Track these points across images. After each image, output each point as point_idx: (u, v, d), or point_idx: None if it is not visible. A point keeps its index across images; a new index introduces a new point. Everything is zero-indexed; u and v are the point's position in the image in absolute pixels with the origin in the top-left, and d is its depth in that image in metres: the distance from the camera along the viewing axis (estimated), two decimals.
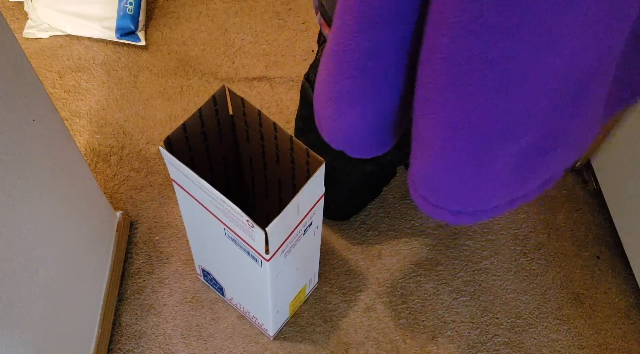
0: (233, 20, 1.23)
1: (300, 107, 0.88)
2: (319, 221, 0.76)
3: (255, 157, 0.80)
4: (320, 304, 0.92)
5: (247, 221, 0.62)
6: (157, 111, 1.11)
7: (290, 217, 0.66)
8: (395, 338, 0.90)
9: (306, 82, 0.84)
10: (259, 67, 1.17)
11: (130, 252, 0.96)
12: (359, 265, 0.96)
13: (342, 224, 0.99)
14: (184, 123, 0.69)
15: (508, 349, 0.89)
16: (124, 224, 0.95)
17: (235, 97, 0.71)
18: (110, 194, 1.01)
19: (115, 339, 0.89)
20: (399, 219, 1.00)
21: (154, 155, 1.06)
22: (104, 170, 1.04)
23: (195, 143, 0.73)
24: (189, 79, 1.15)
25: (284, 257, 0.71)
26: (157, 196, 1.02)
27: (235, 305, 0.90)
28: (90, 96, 1.13)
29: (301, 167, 0.72)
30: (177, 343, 0.88)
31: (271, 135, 0.71)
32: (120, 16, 1.16)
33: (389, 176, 0.99)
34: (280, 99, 1.13)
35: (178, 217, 0.99)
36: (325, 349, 0.88)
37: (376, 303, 0.92)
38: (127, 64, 1.17)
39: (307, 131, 0.87)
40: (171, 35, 1.21)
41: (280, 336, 0.89)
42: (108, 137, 1.07)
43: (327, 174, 0.68)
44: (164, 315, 0.91)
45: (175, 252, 0.96)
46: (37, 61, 1.16)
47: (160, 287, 0.93)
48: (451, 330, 0.90)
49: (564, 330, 0.91)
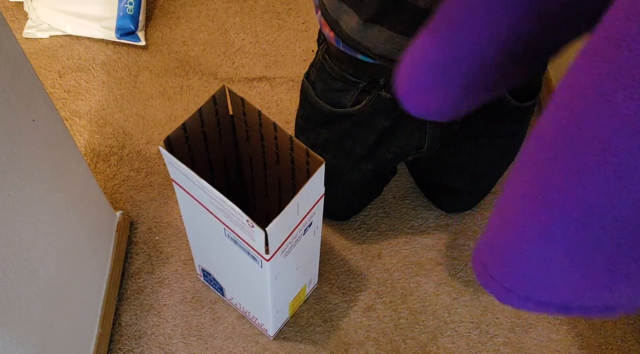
0: (233, 20, 1.23)
1: (301, 106, 0.88)
2: (319, 221, 0.76)
3: (255, 157, 0.80)
4: (320, 304, 0.92)
5: (247, 221, 0.62)
6: (157, 111, 1.11)
7: (290, 217, 0.66)
8: (395, 338, 0.90)
9: (306, 81, 0.84)
10: (259, 67, 1.17)
11: (130, 252, 0.96)
12: (359, 265, 0.96)
13: (342, 224, 0.99)
14: (184, 123, 0.69)
15: (508, 349, 0.89)
16: (124, 224, 0.95)
17: (235, 97, 0.71)
18: (110, 194, 1.01)
19: (115, 339, 0.89)
20: (399, 219, 1.00)
21: (154, 155, 1.06)
22: (104, 170, 1.04)
23: (195, 143, 0.73)
24: (189, 79, 1.15)
25: (284, 258, 0.71)
26: (157, 196, 1.02)
27: (235, 305, 0.90)
28: (90, 96, 1.13)
29: (301, 167, 0.72)
30: (177, 343, 0.88)
31: (271, 135, 0.71)
32: (120, 16, 1.16)
33: (389, 175, 0.99)
34: (280, 99, 1.13)
35: (178, 217, 0.99)
36: (325, 349, 0.88)
37: (376, 303, 0.92)
38: (127, 64, 1.17)
39: (307, 131, 0.87)
40: (171, 35, 1.21)
41: (280, 336, 0.89)
42: (108, 137, 1.07)
43: (327, 174, 0.68)
44: (164, 315, 0.91)
45: (175, 252, 0.96)
46: (37, 61, 1.16)
47: (160, 287, 0.93)
48: (451, 330, 0.90)
49: (564, 330, 0.91)
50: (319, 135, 0.86)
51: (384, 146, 0.84)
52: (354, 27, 0.70)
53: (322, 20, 0.74)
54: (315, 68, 0.82)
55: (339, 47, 0.75)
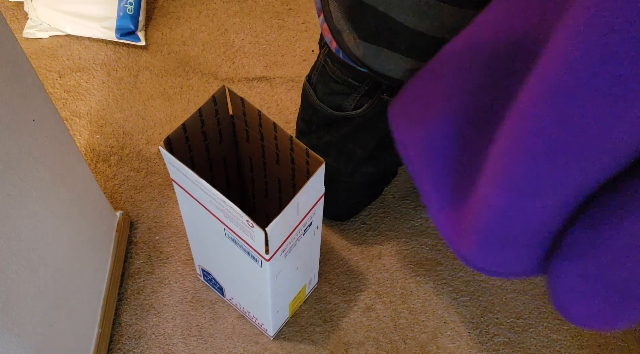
0: (233, 20, 1.23)
1: (302, 108, 0.88)
2: (319, 221, 0.76)
3: (255, 157, 0.80)
4: (320, 304, 0.92)
5: (247, 221, 0.62)
6: (157, 110, 1.11)
7: (290, 217, 0.66)
8: (395, 338, 0.90)
9: (307, 84, 0.84)
10: (259, 67, 1.17)
11: (130, 252, 0.96)
12: (359, 265, 0.96)
13: (342, 224, 0.99)
14: (183, 123, 0.69)
15: (508, 349, 0.89)
16: (124, 224, 0.95)
17: (235, 97, 0.71)
18: (110, 194, 1.01)
19: (115, 339, 0.89)
20: (399, 219, 1.00)
21: (153, 155, 1.06)
22: (104, 170, 1.04)
23: (195, 143, 0.73)
24: (189, 79, 1.15)
25: (284, 257, 0.71)
26: (157, 196, 1.02)
27: (235, 305, 0.90)
28: (90, 96, 1.13)
29: (301, 167, 0.72)
30: (177, 343, 0.88)
31: (271, 135, 0.71)
32: (120, 16, 1.16)
33: (389, 176, 0.99)
34: (280, 99, 1.13)
35: (178, 217, 0.99)
36: (325, 349, 0.88)
37: (376, 303, 0.92)
38: (127, 64, 1.17)
39: (308, 133, 0.87)
40: (171, 35, 1.21)
41: (280, 336, 0.89)
42: (108, 137, 1.07)
43: (327, 176, 0.68)
44: (164, 315, 0.91)
45: (175, 252, 0.96)
46: (37, 61, 1.16)
47: (160, 287, 0.93)
48: (451, 330, 0.90)
49: (564, 330, 0.91)
50: (320, 138, 0.86)
51: (385, 149, 0.84)
52: (354, 43, 0.69)
53: (325, 25, 0.73)
54: (317, 71, 0.82)
55: (339, 55, 0.75)
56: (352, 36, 0.69)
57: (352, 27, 0.68)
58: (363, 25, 0.67)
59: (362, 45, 0.68)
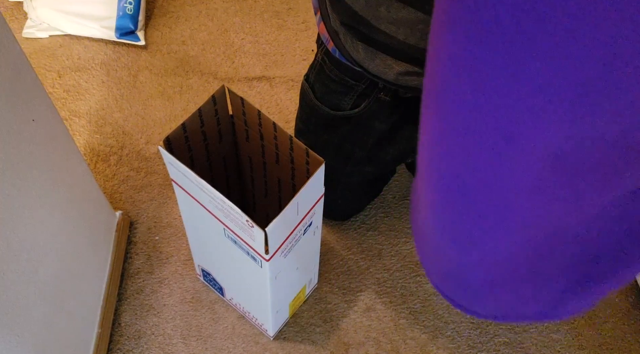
0: (233, 20, 1.23)
1: (300, 108, 0.88)
2: (319, 221, 0.76)
3: (255, 157, 0.80)
4: (320, 304, 0.92)
5: (246, 221, 0.62)
6: (156, 110, 1.11)
7: (290, 217, 0.66)
8: (395, 338, 0.90)
9: (306, 83, 0.84)
10: (259, 67, 1.17)
11: (130, 252, 0.96)
12: (359, 265, 0.96)
13: (342, 224, 0.99)
14: (183, 123, 0.69)
15: (508, 349, 0.89)
16: (123, 224, 0.95)
17: (235, 97, 0.70)
18: (109, 194, 1.01)
19: (115, 339, 0.89)
20: (399, 219, 1.00)
21: (153, 155, 1.06)
22: (104, 170, 1.04)
23: (195, 143, 0.73)
24: (188, 78, 1.15)
25: (284, 258, 0.71)
26: (157, 195, 1.01)
27: (235, 305, 0.90)
28: (90, 96, 1.12)
29: (301, 167, 0.71)
30: (177, 343, 0.88)
31: (271, 135, 0.71)
32: (119, 16, 1.16)
33: (388, 175, 0.99)
34: (280, 99, 1.12)
35: (178, 217, 0.99)
36: (325, 349, 0.88)
37: (376, 303, 0.92)
38: (126, 63, 1.17)
39: (306, 133, 0.87)
40: (171, 35, 1.21)
41: (280, 336, 0.89)
42: (108, 137, 1.07)
43: (327, 175, 0.68)
44: (164, 315, 0.91)
45: (175, 252, 0.96)
46: (37, 61, 1.16)
47: (160, 287, 0.93)
48: (451, 330, 0.90)
49: (564, 330, 0.91)
50: (318, 137, 0.86)
51: (383, 148, 0.83)
52: (350, 44, 0.70)
53: (322, 25, 0.73)
54: (315, 70, 0.82)
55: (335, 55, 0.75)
56: (348, 37, 0.69)
57: (348, 30, 0.68)
58: (358, 32, 0.67)
59: (358, 47, 0.68)
